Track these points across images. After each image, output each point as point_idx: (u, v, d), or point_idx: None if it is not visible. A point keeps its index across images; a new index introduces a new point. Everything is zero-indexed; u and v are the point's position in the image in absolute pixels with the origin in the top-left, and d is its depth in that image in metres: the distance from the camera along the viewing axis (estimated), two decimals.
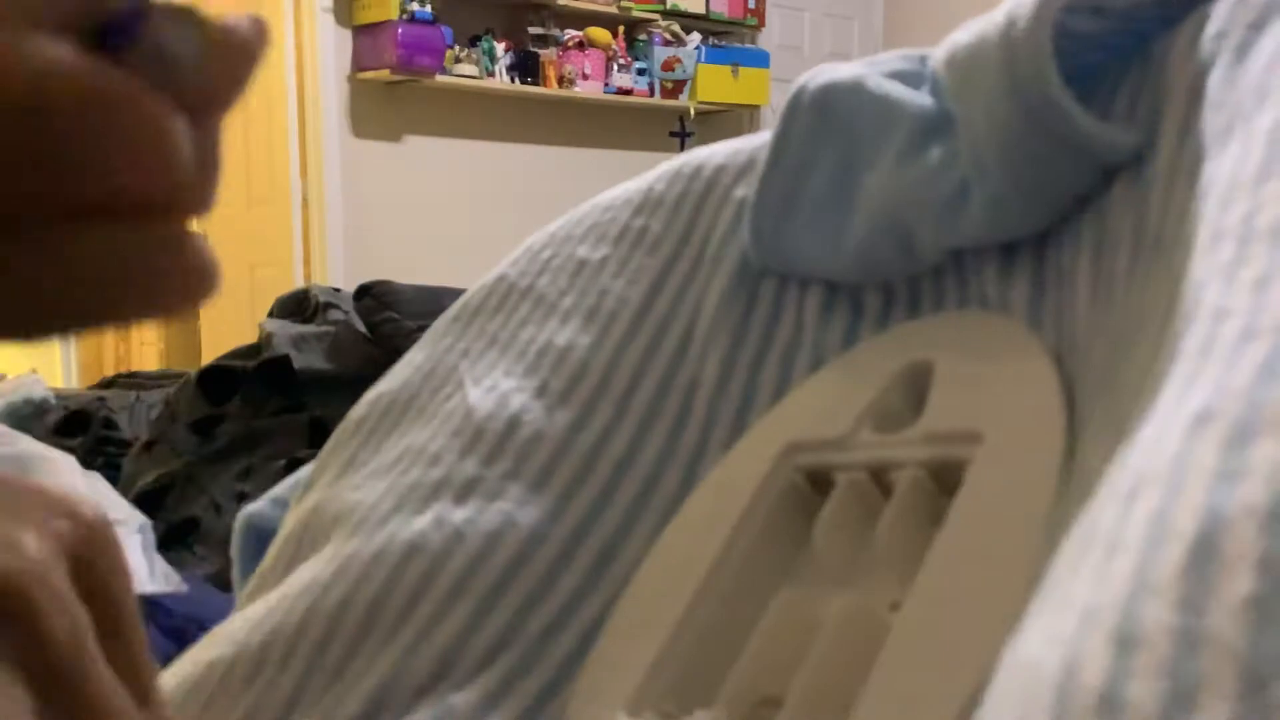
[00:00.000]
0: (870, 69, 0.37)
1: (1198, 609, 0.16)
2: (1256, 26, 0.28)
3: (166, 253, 0.19)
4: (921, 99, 0.35)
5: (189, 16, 0.20)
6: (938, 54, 0.34)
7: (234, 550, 0.49)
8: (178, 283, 0.19)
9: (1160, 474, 0.19)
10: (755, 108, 4.06)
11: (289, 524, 0.42)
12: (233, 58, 0.20)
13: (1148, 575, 0.17)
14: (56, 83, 0.18)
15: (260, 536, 0.46)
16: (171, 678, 0.37)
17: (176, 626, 0.92)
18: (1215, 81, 0.27)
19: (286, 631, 0.36)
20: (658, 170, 0.46)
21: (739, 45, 4.08)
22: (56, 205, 0.18)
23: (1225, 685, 0.15)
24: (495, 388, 0.40)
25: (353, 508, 0.38)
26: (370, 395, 0.44)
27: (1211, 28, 0.29)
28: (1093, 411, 0.27)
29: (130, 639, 0.27)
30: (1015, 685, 0.19)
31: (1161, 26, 0.31)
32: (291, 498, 0.45)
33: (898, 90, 0.35)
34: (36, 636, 0.24)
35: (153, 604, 0.80)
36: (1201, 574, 0.16)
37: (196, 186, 0.19)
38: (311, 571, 0.37)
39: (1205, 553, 0.17)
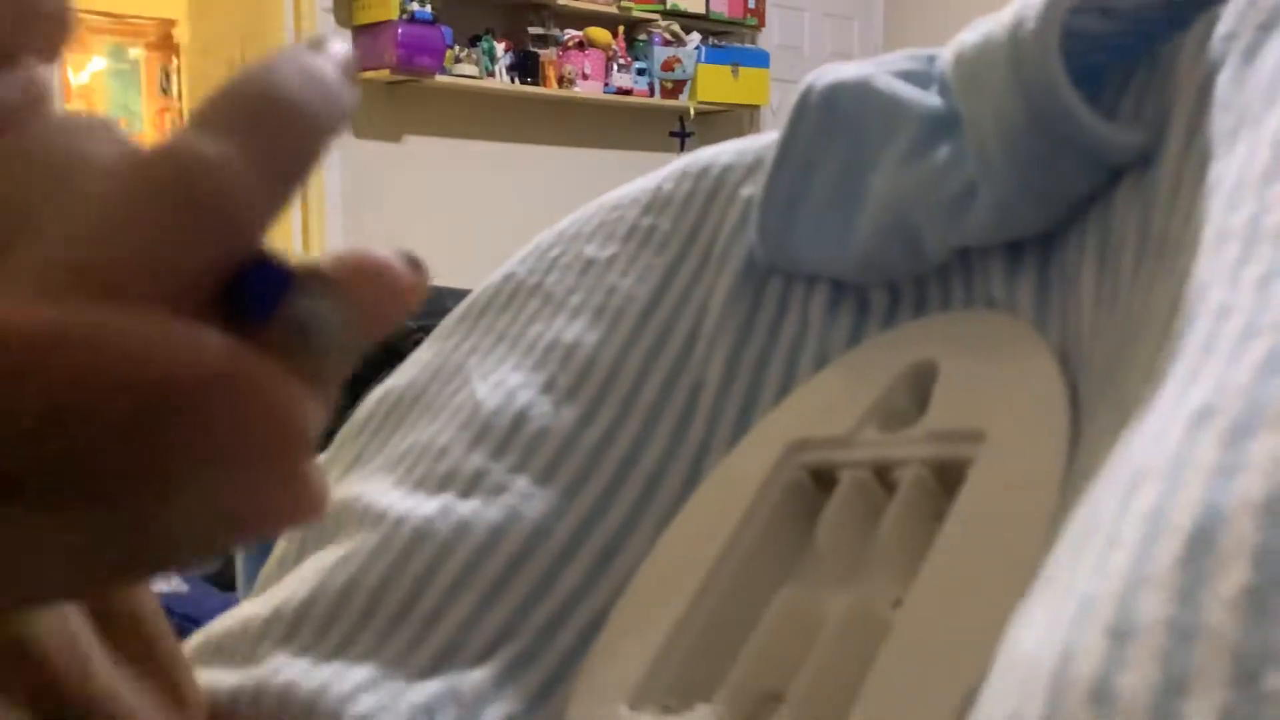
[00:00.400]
0: (878, 68, 0.37)
1: (1192, 601, 0.16)
2: (1266, 28, 0.28)
3: (281, 490, 0.18)
4: (929, 98, 0.35)
5: (334, 289, 0.19)
6: (945, 54, 0.35)
7: None
8: (287, 515, 0.19)
9: (1160, 469, 0.19)
10: (755, 108, 4.06)
11: None
12: (387, 304, 0.19)
13: (1144, 568, 0.17)
14: (194, 373, 0.17)
15: None
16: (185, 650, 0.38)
17: (175, 626, 0.92)
18: (1224, 83, 0.28)
19: (291, 610, 0.36)
20: (666, 169, 0.46)
21: (739, 45, 4.08)
22: (170, 468, 0.17)
23: (1217, 675, 0.15)
24: (503, 383, 0.40)
25: (360, 499, 0.39)
26: (378, 392, 0.45)
27: (1221, 29, 0.29)
28: (1096, 410, 0.27)
29: (151, 637, 0.27)
30: (1012, 675, 0.19)
31: (1169, 28, 0.31)
32: None
33: (905, 90, 0.35)
34: (31, 664, 0.24)
35: None
36: (1197, 567, 0.17)
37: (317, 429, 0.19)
38: (318, 560, 0.37)
39: (1201, 546, 0.17)
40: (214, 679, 0.35)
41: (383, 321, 0.20)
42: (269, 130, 0.18)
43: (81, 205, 0.17)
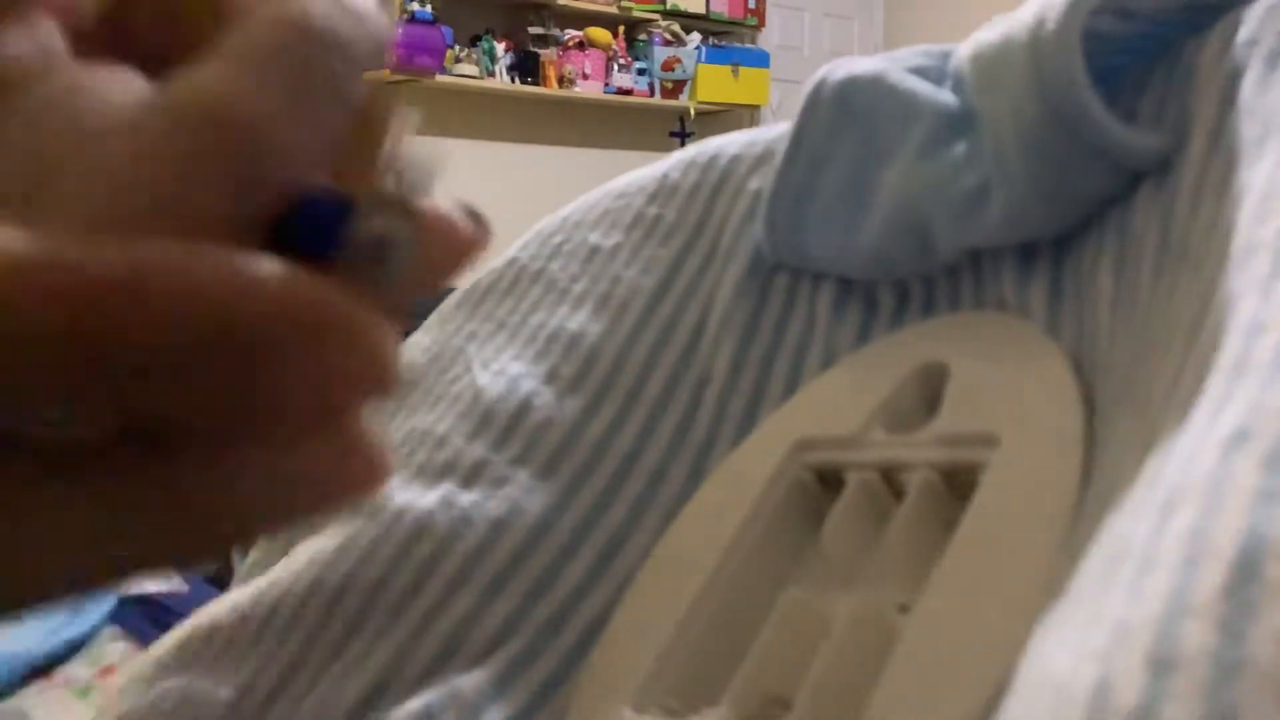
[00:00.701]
0: (892, 64, 0.36)
1: (1238, 633, 0.16)
2: None
3: (347, 455, 0.17)
4: (943, 96, 0.34)
5: (401, 211, 0.17)
6: (962, 51, 0.34)
7: None
8: (356, 483, 0.17)
9: (1196, 491, 0.18)
10: (755, 108, 4.06)
11: None
12: (447, 257, 0.18)
13: (1185, 595, 0.17)
14: (263, 308, 0.15)
15: None
16: (170, 640, 0.37)
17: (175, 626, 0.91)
18: (1248, 89, 0.27)
19: (289, 604, 0.35)
20: (672, 158, 0.45)
21: (739, 45, 4.08)
22: (237, 428, 0.16)
23: (1266, 712, 0.15)
24: (504, 371, 0.40)
25: None
26: None
27: (1243, 34, 0.28)
28: (1113, 421, 0.27)
29: None
30: (1042, 698, 0.18)
31: (1189, 30, 0.31)
32: None
33: (919, 86, 0.35)
34: None
35: (152, 603, 0.80)
36: (1242, 597, 0.16)
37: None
38: (315, 547, 0.37)
39: (1246, 575, 0.16)
40: (208, 689, 0.35)
41: (442, 271, 0.19)
42: (298, 61, 0.18)
43: (109, 154, 0.16)
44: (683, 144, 3.98)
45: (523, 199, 3.66)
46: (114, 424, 0.15)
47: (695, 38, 3.95)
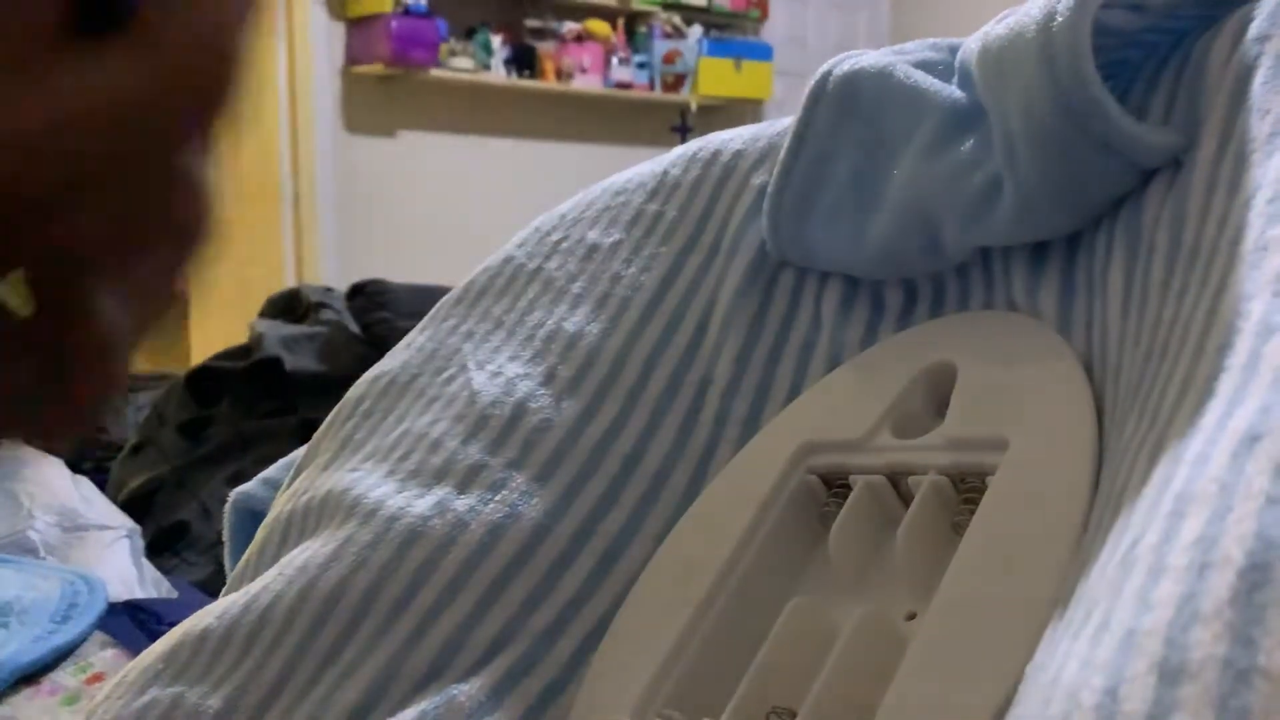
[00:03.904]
0: (898, 57, 0.36)
1: (1248, 640, 0.15)
2: None
3: None
4: (951, 90, 0.34)
5: None
6: (970, 45, 0.34)
7: (225, 532, 0.48)
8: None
9: (1206, 495, 0.18)
10: (758, 102, 4.06)
11: (279, 506, 0.41)
12: None
13: (1194, 602, 0.16)
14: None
15: (253, 517, 0.46)
16: (159, 647, 0.36)
17: (164, 634, 0.90)
18: (1259, 86, 0.27)
19: (280, 611, 0.35)
20: (672, 154, 0.45)
21: (741, 38, 4.08)
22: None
23: None
24: (500, 372, 0.39)
25: (349, 490, 0.37)
26: (368, 376, 0.44)
27: (1253, 30, 0.28)
28: (1124, 423, 0.26)
29: None
30: (1051, 709, 0.18)
31: (1199, 25, 0.30)
32: (284, 479, 0.44)
33: (926, 80, 0.34)
34: None
35: (142, 610, 0.79)
36: (1252, 604, 0.16)
37: None
38: (306, 554, 0.36)
39: (1256, 581, 0.16)
40: (197, 699, 0.34)
41: None
42: None
43: None
44: (684, 139, 3.97)
45: (519, 196, 3.66)
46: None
47: (697, 30, 3.95)
